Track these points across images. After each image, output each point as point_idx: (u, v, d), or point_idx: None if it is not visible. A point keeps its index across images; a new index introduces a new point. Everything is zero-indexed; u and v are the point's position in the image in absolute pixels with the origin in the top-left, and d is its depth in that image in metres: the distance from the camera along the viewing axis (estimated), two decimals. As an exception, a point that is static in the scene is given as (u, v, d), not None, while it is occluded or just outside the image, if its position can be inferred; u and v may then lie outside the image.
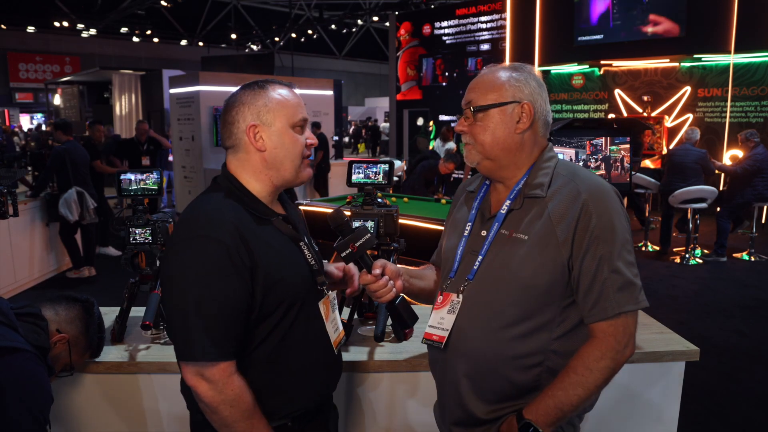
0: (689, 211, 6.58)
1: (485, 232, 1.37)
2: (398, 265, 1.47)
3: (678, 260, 6.62)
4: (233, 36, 25.17)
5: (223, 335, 1.21)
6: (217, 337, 1.21)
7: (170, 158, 10.06)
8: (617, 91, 10.11)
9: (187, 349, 1.21)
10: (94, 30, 23.43)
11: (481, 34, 11.76)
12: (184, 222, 1.27)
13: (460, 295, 1.37)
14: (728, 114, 9.01)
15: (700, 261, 6.57)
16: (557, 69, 10.71)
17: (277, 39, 27.68)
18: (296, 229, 1.41)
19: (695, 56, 9.11)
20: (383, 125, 20.78)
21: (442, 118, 12.21)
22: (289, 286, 1.31)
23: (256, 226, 1.29)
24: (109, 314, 2.21)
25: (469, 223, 1.43)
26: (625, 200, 9.52)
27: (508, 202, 1.35)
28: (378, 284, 1.37)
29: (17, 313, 1.52)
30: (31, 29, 22.53)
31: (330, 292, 1.47)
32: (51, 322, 1.59)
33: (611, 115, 10.07)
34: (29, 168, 7.09)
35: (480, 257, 1.35)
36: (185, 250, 1.23)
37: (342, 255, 1.37)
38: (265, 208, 1.34)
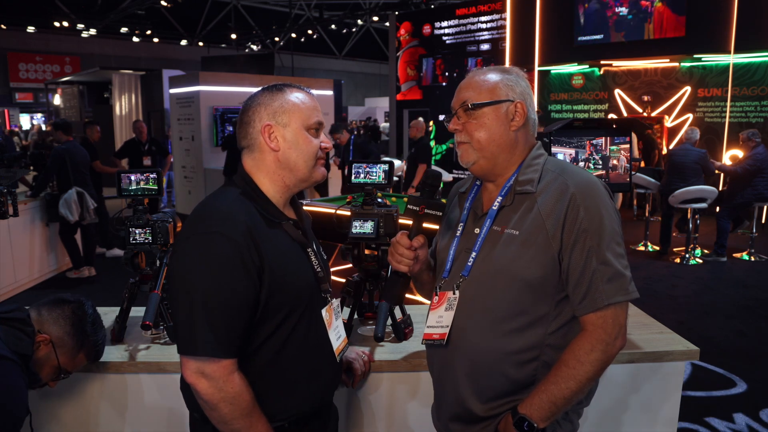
0: (689, 211, 6.58)
1: (478, 229, 1.39)
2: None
3: (678, 260, 6.62)
4: (233, 36, 25.16)
5: (227, 332, 1.22)
6: (220, 333, 1.21)
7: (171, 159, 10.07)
8: (617, 91, 10.11)
9: (190, 342, 1.22)
10: (94, 30, 23.42)
11: (481, 34, 11.75)
12: (197, 217, 1.29)
13: (457, 292, 1.38)
14: (728, 114, 9.01)
15: (700, 261, 6.57)
16: (557, 69, 10.71)
17: (277, 39, 27.67)
18: (305, 235, 1.42)
19: (695, 56, 9.11)
20: (383, 125, 20.77)
21: (442, 118, 12.20)
22: (293, 290, 1.32)
23: (267, 229, 1.30)
24: (109, 314, 2.21)
25: (462, 223, 1.45)
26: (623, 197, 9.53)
27: (499, 199, 1.37)
28: (405, 252, 1.38)
29: (3, 317, 1.48)
30: (31, 29, 22.52)
31: (333, 299, 1.48)
32: (34, 322, 1.54)
33: (611, 115, 10.07)
34: (30, 168, 7.09)
35: (474, 254, 1.37)
36: (197, 245, 1.24)
37: (408, 205, 1.40)
38: (276, 211, 1.36)
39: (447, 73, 12.35)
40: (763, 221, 8.22)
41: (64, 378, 1.64)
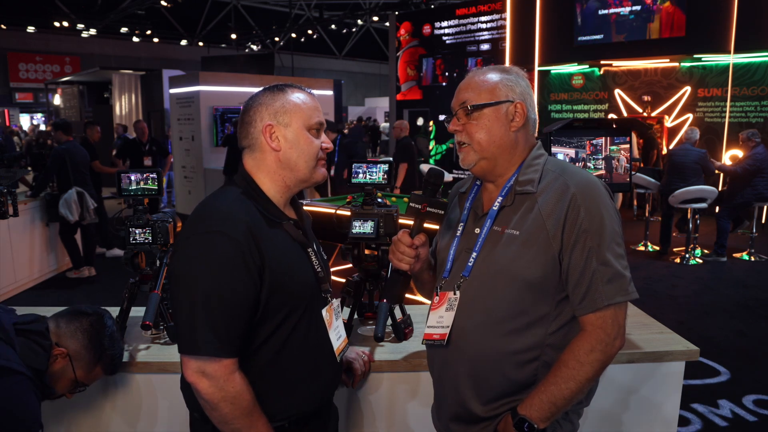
0: (689, 211, 6.58)
1: (478, 229, 1.39)
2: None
3: (678, 260, 6.62)
4: (233, 36, 25.16)
5: (228, 332, 1.22)
6: (222, 332, 1.21)
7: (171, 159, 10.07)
8: (617, 91, 10.11)
9: (191, 342, 1.22)
10: (94, 30, 23.42)
11: (481, 34, 11.75)
12: (198, 217, 1.29)
13: (457, 292, 1.38)
14: (728, 114, 9.01)
15: (700, 261, 6.57)
16: (557, 69, 10.71)
17: (277, 39, 27.68)
18: (306, 235, 1.42)
19: (695, 56, 9.11)
20: (383, 125, 20.78)
21: (442, 118, 12.19)
22: (294, 290, 1.32)
23: (267, 228, 1.30)
24: (109, 314, 2.21)
25: (462, 223, 1.45)
26: (621, 197, 9.53)
27: (500, 199, 1.37)
28: (406, 250, 1.38)
29: (22, 329, 1.47)
30: (31, 29, 22.52)
31: (333, 299, 1.48)
32: (51, 335, 1.53)
33: (611, 115, 10.07)
34: (29, 168, 7.09)
35: (474, 254, 1.37)
36: (199, 244, 1.24)
37: (410, 203, 1.40)
38: (277, 211, 1.36)
39: (447, 73, 12.35)
40: (763, 221, 8.22)
41: (81, 391, 1.62)
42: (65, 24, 22.24)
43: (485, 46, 11.70)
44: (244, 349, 1.28)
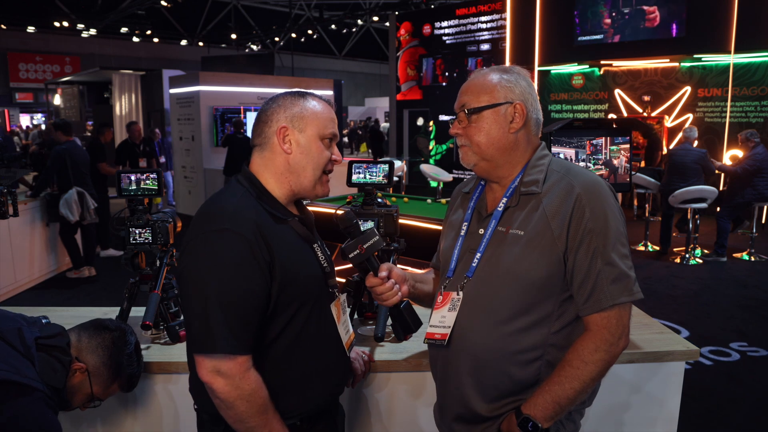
0: (689, 211, 6.58)
1: (482, 230, 1.39)
2: (404, 269, 1.48)
3: (678, 260, 6.62)
4: (233, 36, 25.18)
5: (243, 329, 1.22)
6: (237, 330, 1.21)
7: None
8: (617, 91, 10.11)
9: (206, 341, 1.21)
10: (94, 30, 23.43)
11: (481, 34, 11.76)
12: (205, 215, 1.29)
13: (460, 293, 1.38)
14: (728, 114, 9.01)
15: (700, 261, 6.57)
16: (557, 69, 10.71)
17: (277, 39, 27.68)
18: (310, 231, 1.43)
19: (695, 56, 9.12)
20: (383, 125, 20.79)
21: (442, 118, 12.21)
22: (303, 284, 1.33)
23: (274, 225, 1.31)
24: (109, 314, 2.20)
25: (466, 223, 1.45)
26: (619, 196, 9.53)
27: (504, 200, 1.37)
28: (384, 287, 1.38)
29: (43, 344, 1.46)
30: (31, 29, 22.52)
31: (341, 294, 1.49)
32: (72, 348, 1.52)
33: (611, 115, 10.08)
34: (30, 167, 7.09)
35: (478, 254, 1.37)
36: (208, 243, 1.24)
37: (349, 256, 1.38)
38: (282, 208, 1.37)
39: (447, 73, 12.35)
40: (763, 221, 8.22)
41: (95, 406, 1.61)
42: (65, 24, 22.24)
43: (485, 46, 11.70)
44: (257, 346, 1.28)
